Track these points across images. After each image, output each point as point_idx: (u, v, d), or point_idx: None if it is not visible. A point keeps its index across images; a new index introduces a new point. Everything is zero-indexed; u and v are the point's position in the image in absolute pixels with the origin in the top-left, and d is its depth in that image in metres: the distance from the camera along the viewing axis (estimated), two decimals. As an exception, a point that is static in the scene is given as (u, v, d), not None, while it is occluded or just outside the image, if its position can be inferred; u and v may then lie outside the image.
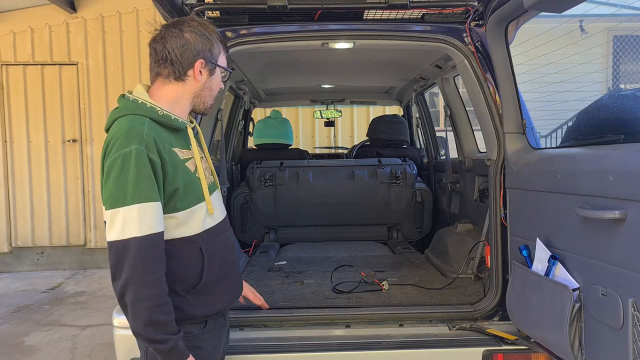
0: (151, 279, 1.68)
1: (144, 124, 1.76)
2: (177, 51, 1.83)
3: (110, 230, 1.71)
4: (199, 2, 2.97)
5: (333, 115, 6.30)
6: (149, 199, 1.69)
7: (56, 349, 4.62)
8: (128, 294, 1.67)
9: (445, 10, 2.99)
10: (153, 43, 1.86)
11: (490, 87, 2.78)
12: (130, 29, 7.72)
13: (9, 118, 7.67)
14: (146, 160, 1.70)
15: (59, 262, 7.78)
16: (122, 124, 1.76)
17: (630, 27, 10.89)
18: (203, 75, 1.88)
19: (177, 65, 1.84)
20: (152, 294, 1.68)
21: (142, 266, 1.67)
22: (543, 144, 3.19)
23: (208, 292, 1.88)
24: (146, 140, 1.72)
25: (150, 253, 1.69)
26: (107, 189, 1.71)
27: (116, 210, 1.69)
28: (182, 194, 1.80)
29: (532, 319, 2.27)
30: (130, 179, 1.68)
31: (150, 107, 1.81)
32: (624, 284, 1.72)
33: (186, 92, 1.89)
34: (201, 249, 1.85)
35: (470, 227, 3.66)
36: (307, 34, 2.94)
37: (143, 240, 1.68)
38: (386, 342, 2.56)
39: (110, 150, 1.72)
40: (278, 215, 4.60)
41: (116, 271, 1.70)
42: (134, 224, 1.67)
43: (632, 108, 2.19)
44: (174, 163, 1.79)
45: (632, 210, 1.65)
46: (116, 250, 1.70)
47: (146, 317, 1.67)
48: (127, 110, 1.81)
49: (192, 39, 1.84)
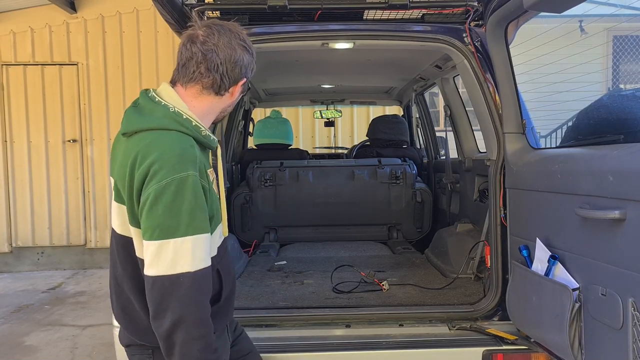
0: (203, 316, 1.56)
1: (194, 147, 1.61)
2: (229, 66, 1.68)
3: (155, 264, 1.52)
4: (199, 2, 2.97)
5: (333, 115, 6.30)
6: (204, 230, 1.56)
7: (56, 349, 4.62)
8: (179, 333, 1.51)
9: (445, 10, 2.99)
10: (204, 45, 1.66)
11: (490, 87, 2.78)
12: (131, 29, 7.72)
13: (9, 118, 7.67)
14: (200, 188, 1.56)
15: (59, 262, 7.79)
16: (169, 142, 1.57)
17: (630, 27, 10.88)
18: (238, 93, 1.77)
19: (225, 80, 1.69)
20: (204, 332, 1.55)
21: (195, 303, 1.53)
22: (543, 144, 3.20)
23: (222, 309, 1.83)
24: (199, 165, 1.59)
25: (202, 289, 1.56)
26: (154, 217, 1.52)
27: (166, 241, 1.51)
28: (213, 220, 1.69)
29: (532, 318, 2.27)
30: (185, 208, 1.52)
31: (195, 125, 1.65)
32: (623, 283, 1.72)
33: (218, 106, 1.76)
34: (218, 271, 1.77)
35: (470, 227, 3.66)
36: (307, 34, 2.94)
37: (196, 275, 1.53)
38: (386, 342, 2.56)
39: (157, 173, 1.52)
40: (278, 215, 4.60)
41: (162, 309, 1.52)
42: (187, 257, 1.52)
43: (632, 108, 2.19)
44: (210, 187, 1.67)
45: (632, 210, 1.65)
46: (162, 286, 1.52)
47: (197, 357, 1.53)
48: (170, 124, 1.61)
49: (243, 56, 1.71)
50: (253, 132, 5.49)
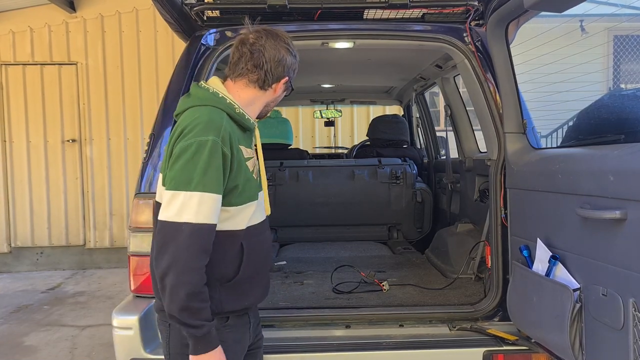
0: (194, 266, 1.72)
1: (223, 118, 1.83)
2: (273, 64, 1.93)
3: (165, 210, 1.74)
4: (199, 2, 2.97)
5: (333, 115, 6.30)
6: (212, 190, 1.74)
7: (56, 349, 4.61)
8: (170, 275, 1.70)
9: (446, 10, 2.99)
10: (251, 46, 1.92)
11: (490, 86, 2.78)
12: (130, 29, 7.71)
13: (8, 118, 7.66)
14: (219, 153, 1.75)
15: (59, 262, 7.78)
16: (202, 113, 1.82)
17: (630, 27, 10.88)
18: (280, 90, 2.02)
19: (269, 76, 1.93)
20: (192, 280, 1.71)
21: (188, 252, 1.70)
22: (543, 144, 3.19)
23: (240, 287, 1.91)
24: (223, 133, 1.78)
25: (199, 242, 1.72)
26: (173, 170, 1.76)
27: (178, 192, 1.73)
28: (240, 191, 1.85)
29: (533, 319, 2.27)
30: (200, 166, 1.72)
31: (229, 102, 1.89)
32: (624, 284, 1.72)
33: (262, 99, 2.00)
34: (242, 245, 1.89)
35: (470, 227, 3.66)
36: (307, 34, 2.94)
37: (196, 227, 1.71)
38: (386, 343, 2.55)
39: (185, 135, 1.77)
40: (278, 215, 4.57)
41: (161, 251, 1.73)
42: (192, 209, 1.71)
43: (632, 108, 2.19)
44: (239, 159, 1.85)
45: (632, 210, 1.65)
46: (166, 231, 1.73)
47: (183, 302, 1.70)
48: (206, 101, 1.87)
49: (287, 57, 1.96)
50: (253, 132, 5.48)
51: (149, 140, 2.69)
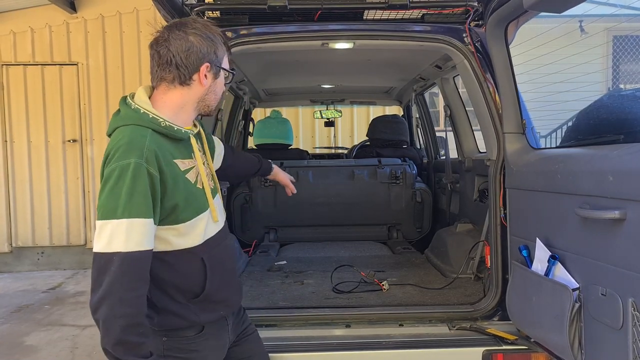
0: (129, 296, 1.61)
1: (146, 137, 1.71)
2: (182, 55, 1.77)
3: (97, 242, 1.64)
4: (199, 2, 2.97)
5: (333, 115, 6.30)
6: (140, 214, 1.63)
7: (56, 349, 4.62)
8: (102, 308, 1.59)
9: (445, 10, 2.99)
10: (156, 46, 1.80)
11: (490, 87, 2.78)
12: (131, 29, 7.72)
13: (9, 118, 7.67)
14: (144, 175, 1.65)
15: (59, 262, 7.79)
16: (123, 134, 1.72)
17: (630, 27, 10.88)
18: (208, 79, 1.84)
19: (183, 70, 1.78)
20: (126, 312, 1.60)
21: (120, 282, 1.60)
22: (543, 144, 3.19)
23: (210, 300, 1.86)
24: (147, 154, 1.67)
25: (132, 270, 1.62)
26: (100, 198, 1.66)
27: (106, 222, 1.63)
28: (182, 208, 1.76)
29: (532, 318, 2.27)
30: (124, 192, 1.62)
31: (152, 117, 1.75)
32: (623, 283, 1.72)
33: (192, 97, 1.84)
34: (202, 259, 1.83)
35: (470, 227, 3.66)
36: (307, 34, 2.94)
37: (127, 256, 1.61)
38: (386, 342, 2.56)
39: (110, 160, 1.68)
40: (278, 215, 4.60)
41: (95, 284, 1.62)
42: (120, 238, 1.61)
43: (632, 108, 2.19)
44: (174, 176, 1.74)
45: (632, 210, 1.65)
46: (99, 263, 1.62)
47: (117, 336, 1.58)
48: (128, 119, 1.76)
49: (196, 42, 1.79)
50: (253, 132, 5.49)
51: (150, 140, 2.68)
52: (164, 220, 1.73)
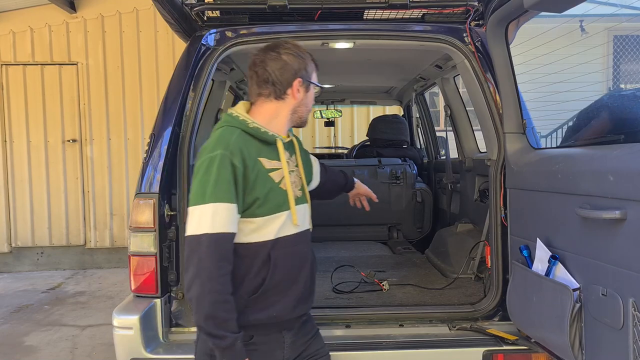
0: (215, 275, 1.78)
1: (234, 134, 1.91)
2: (278, 72, 1.98)
3: (188, 226, 1.83)
4: (199, 2, 2.97)
5: (333, 115, 6.30)
6: (225, 199, 1.81)
7: (56, 349, 4.62)
8: (194, 286, 1.77)
9: (446, 10, 2.99)
10: (254, 67, 2.01)
11: (490, 87, 2.78)
12: (130, 29, 7.71)
13: (8, 118, 7.66)
14: (229, 165, 1.82)
15: (59, 262, 7.78)
16: (216, 134, 1.94)
17: (630, 27, 10.88)
18: (300, 93, 2.03)
19: (278, 85, 1.98)
20: (215, 288, 1.77)
21: (209, 261, 1.77)
22: (543, 144, 3.19)
23: (266, 298, 1.92)
24: (232, 147, 1.86)
25: (218, 251, 1.79)
26: (192, 188, 1.87)
27: (195, 207, 1.82)
28: (261, 202, 1.90)
29: (533, 319, 2.27)
30: (212, 180, 1.81)
31: (242, 119, 1.97)
32: (624, 284, 1.72)
33: (285, 109, 2.03)
34: (269, 255, 1.92)
35: (470, 227, 3.66)
36: (307, 34, 2.94)
37: (213, 237, 1.78)
38: (386, 342, 2.56)
39: (200, 155, 1.89)
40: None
41: (187, 264, 1.81)
42: (207, 221, 1.79)
43: (632, 108, 2.19)
44: (257, 171, 1.90)
45: (632, 210, 1.65)
46: (190, 244, 1.81)
47: (207, 311, 1.76)
48: (223, 122, 1.99)
49: (289, 60, 2.00)
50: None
51: (150, 140, 2.69)
52: (244, 213, 1.88)
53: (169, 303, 2.67)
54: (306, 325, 2.09)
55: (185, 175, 2.68)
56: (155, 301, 2.58)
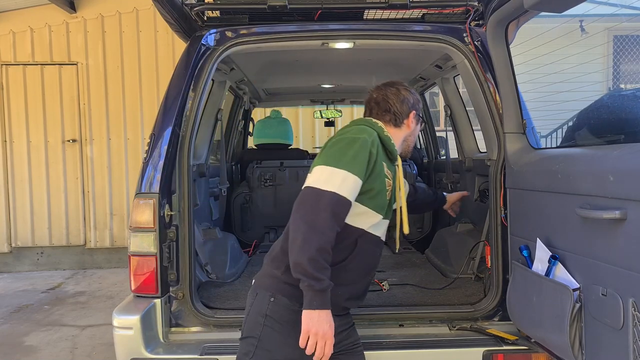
0: (327, 227, 1.91)
1: (373, 135, 2.16)
2: (398, 104, 2.31)
3: (312, 178, 2.00)
4: (199, 2, 2.97)
5: (333, 115, 6.29)
6: (356, 173, 2.00)
7: (56, 349, 4.62)
8: (306, 228, 1.90)
9: (446, 10, 2.99)
10: (374, 100, 2.34)
11: (490, 87, 2.78)
12: (130, 29, 7.72)
13: (8, 118, 7.66)
14: (368, 149, 2.06)
15: (59, 262, 7.78)
16: (357, 127, 2.19)
17: (630, 27, 10.87)
18: (413, 124, 2.35)
19: (398, 115, 2.31)
20: (323, 238, 1.90)
21: (325, 214, 1.91)
22: (543, 144, 3.19)
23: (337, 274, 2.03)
24: (373, 138, 2.11)
25: (335, 210, 1.94)
26: (326, 154, 2.04)
27: (327, 167, 1.99)
28: (373, 195, 2.10)
29: (533, 319, 2.27)
30: (351, 153, 2.01)
31: (380, 126, 2.24)
32: (624, 284, 1.72)
33: (399, 136, 2.33)
34: (357, 241, 2.11)
35: (470, 227, 3.66)
36: (307, 34, 2.94)
37: (336, 196, 1.94)
38: (386, 342, 2.56)
39: (343, 134, 2.11)
40: (278, 215, 4.60)
41: (301, 208, 1.96)
42: (336, 182, 1.95)
43: (632, 108, 2.19)
44: (379, 168, 2.12)
45: (632, 210, 1.65)
46: (309, 194, 1.97)
47: (312, 254, 1.87)
48: (364, 122, 2.24)
49: (407, 95, 2.34)
50: (253, 132, 5.49)
51: (150, 140, 2.69)
52: (358, 196, 2.05)
53: (169, 303, 2.67)
54: (348, 316, 2.26)
55: (185, 175, 2.68)
56: (155, 301, 2.58)
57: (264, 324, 2.02)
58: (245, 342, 2.07)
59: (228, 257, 3.59)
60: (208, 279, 3.19)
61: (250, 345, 2.04)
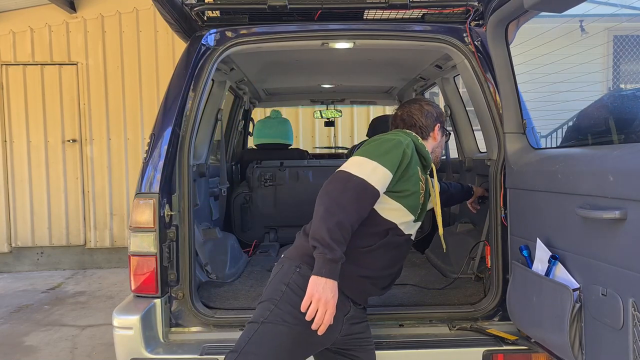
0: (350, 207, 2.01)
1: (409, 141, 2.28)
2: (423, 119, 2.48)
3: (346, 165, 2.12)
4: (199, 2, 2.97)
5: (333, 115, 6.30)
6: (387, 166, 2.12)
7: (56, 349, 4.62)
8: (329, 202, 2.00)
9: (446, 10, 2.99)
10: (402, 115, 2.52)
11: (490, 87, 2.78)
12: (130, 29, 7.72)
13: (8, 118, 7.66)
14: (402, 149, 2.18)
15: (59, 262, 7.78)
16: (395, 132, 2.36)
17: (630, 27, 10.87)
18: (438, 136, 2.53)
19: (424, 128, 2.48)
20: (343, 215, 1.98)
21: (350, 195, 2.02)
22: (543, 144, 3.19)
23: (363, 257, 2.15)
24: (408, 142, 2.26)
25: (360, 196, 2.04)
26: (362, 150, 2.18)
27: (363, 158, 2.12)
28: (407, 195, 2.22)
29: (533, 319, 2.27)
30: (384, 148, 2.16)
31: (414, 135, 2.40)
32: (624, 284, 1.72)
33: (428, 148, 2.45)
34: (387, 232, 2.20)
35: (470, 227, 3.66)
36: (307, 34, 2.94)
37: (364, 183, 2.05)
38: (386, 342, 2.56)
39: (380, 136, 2.28)
40: (278, 215, 4.60)
41: (329, 185, 2.06)
42: (366, 171, 2.08)
43: (632, 108, 2.19)
44: (414, 172, 2.25)
45: (632, 210, 1.65)
46: (340, 176, 2.08)
47: (331, 226, 1.95)
48: (400, 131, 2.41)
49: (431, 110, 2.51)
50: (253, 132, 5.49)
51: (150, 140, 2.69)
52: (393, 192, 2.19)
53: (169, 303, 2.67)
54: (365, 311, 2.33)
55: (185, 175, 2.68)
56: (155, 301, 2.58)
57: (285, 291, 2.08)
58: (262, 305, 2.12)
59: (228, 257, 3.59)
60: (208, 279, 3.19)
61: (266, 310, 2.08)
